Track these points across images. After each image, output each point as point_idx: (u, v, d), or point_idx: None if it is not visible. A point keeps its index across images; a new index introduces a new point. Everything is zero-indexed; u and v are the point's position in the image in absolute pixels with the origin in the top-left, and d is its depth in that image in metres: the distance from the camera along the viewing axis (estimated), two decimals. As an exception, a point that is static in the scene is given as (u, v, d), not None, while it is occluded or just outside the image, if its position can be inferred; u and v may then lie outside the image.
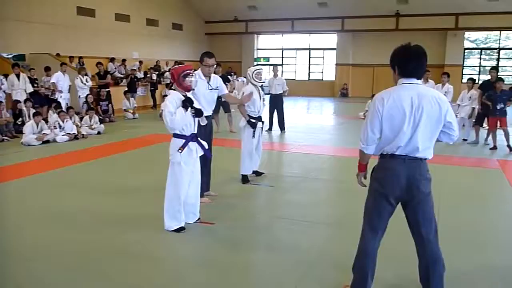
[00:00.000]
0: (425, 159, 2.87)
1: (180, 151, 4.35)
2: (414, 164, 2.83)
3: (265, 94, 7.55)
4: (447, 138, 2.94)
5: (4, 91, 11.50)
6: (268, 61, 24.69)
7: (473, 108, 10.08)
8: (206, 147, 4.67)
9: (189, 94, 4.48)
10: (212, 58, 5.28)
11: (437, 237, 2.93)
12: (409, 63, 2.84)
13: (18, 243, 4.33)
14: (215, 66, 5.52)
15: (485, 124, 10.11)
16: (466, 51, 22.14)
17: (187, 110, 4.33)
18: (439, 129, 2.84)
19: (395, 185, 2.84)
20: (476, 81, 11.70)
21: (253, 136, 6.38)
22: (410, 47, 2.85)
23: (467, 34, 21.86)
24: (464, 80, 14.34)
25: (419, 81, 2.88)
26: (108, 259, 3.94)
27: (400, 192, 2.85)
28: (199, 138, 4.57)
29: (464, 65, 22.07)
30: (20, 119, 10.84)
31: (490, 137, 9.59)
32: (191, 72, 4.46)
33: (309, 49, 25.05)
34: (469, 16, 20.18)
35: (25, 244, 4.27)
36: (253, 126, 6.30)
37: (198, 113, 4.47)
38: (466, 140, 10.06)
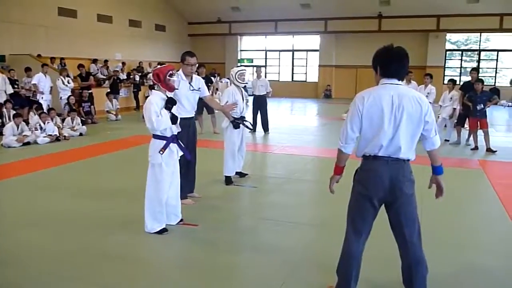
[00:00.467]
0: (408, 160, 2.88)
1: (161, 152, 4.32)
2: (397, 165, 2.84)
3: (249, 95, 7.54)
4: (429, 143, 2.92)
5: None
6: (252, 62, 24.71)
7: (454, 109, 10.21)
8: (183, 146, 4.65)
9: (170, 95, 4.45)
10: (194, 57, 5.26)
11: (420, 238, 2.93)
12: (391, 64, 2.85)
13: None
14: (197, 66, 5.50)
15: (466, 125, 10.25)
16: (447, 52, 22.46)
17: (170, 111, 4.30)
18: (420, 130, 2.84)
19: (378, 186, 2.84)
20: (457, 82, 11.86)
21: (252, 129, 6.35)
22: (392, 48, 2.87)
23: (448, 35, 22.19)
24: (446, 82, 14.55)
25: (400, 82, 2.89)
26: (90, 261, 3.88)
27: (383, 194, 2.85)
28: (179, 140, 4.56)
29: (446, 66, 22.39)
30: (0, 120, 10.64)
31: (471, 138, 9.72)
32: (174, 72, 4.45)
33: (293, 51, 25.16)
34: (450, 18, 20.50)
35: (3, 248, 4.18)
36: (237, 126, 6.27)
37: (173, 119, 4.38)
38: (447, 140, 10.18)
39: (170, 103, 4.31)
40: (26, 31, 15.13)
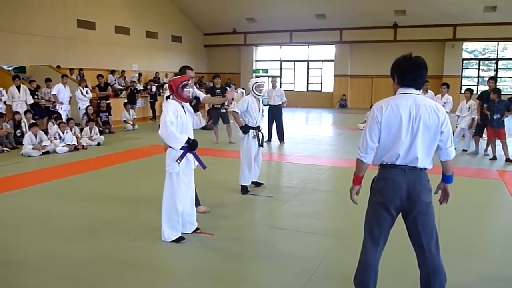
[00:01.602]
0: (425, 169, 2.87)
1: (178, 161, 4.37)
2: (414, 174, 2.83)
3: (264, 105, 7.58)
4: (444, 154, 2.91)
5: (4, 103, 11.55)
6: (267, 72, 24.79)
7: (473, 119, 10.10)
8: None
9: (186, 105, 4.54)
10: (193, 70, 5.39)
11: (438, 247, 2.91)
12: (408, 73, 2.85)
13: (17, 253, 4.32)
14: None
15: (484, 135, 10.13)
16: (464, 61, 22.25)
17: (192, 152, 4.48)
18: (437, 140, 2.84)
19: (395, 195, 2.83)
20: (474, 92, 11.74)
21: (260, 145, 6.46)
22: (410, 57, 2.87)
23: (465, 45, 21.98)
24: (463, 91, 14.43)
25: (418, 92, 2.89)
26: (106, 269, 3.94)
27: (400, 202, 2.84)
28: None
29: (463, 75, 22.17)
30: (19, 130, 10.85)
31: (489, 148, 9.60)
32: (189, 82, 4.49)
33: (308, 61, 25.17)
34: (467, 27, 20.33)
35: (24, 254, 4.26)
36: (246, 131, 6.33)
37: (192, 146, 4.49)
38: (466, 150, 10.07)
39: (193, 148, 4.47)
40: (46, 43, 15.47)
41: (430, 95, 10.16)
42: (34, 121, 10.93)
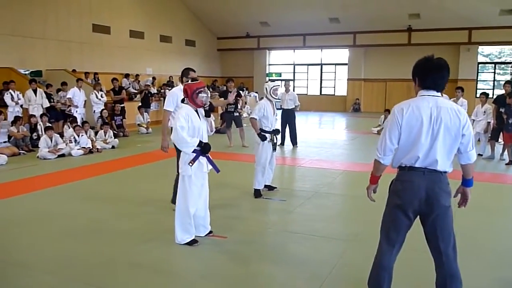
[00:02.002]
0: (445, 172, 2.83)
1: (190, 164, 4.39)
2: (433, 176, 2.79)
3: (277, 109, 7.59)
4: (464, 158, 2.88)
5: (21, 106, 11.74)
6: (280, 76, 24.80)
7: (488, 123, 9.99)
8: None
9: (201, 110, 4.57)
10: (195, 72, 5.47)
11: (455, 252, 2.88)
12: (429, 75, 2.83)
13: (32, 255, 4.36)
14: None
15: (500, 139, 10.00)
16: (479, 65, 22.00)
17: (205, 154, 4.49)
18: (458, 143, 2.80)
19: (413, 197, 2.80)
20: (490, 96, 11.60)
21: (274, 149, 6.48)
22: (432, 59, 2.84)
23: (481, 48, 21.75)
24: (478, 95, 14.25)
25: (438, 94, 2.85)
26: (120, 272, 3.96)
27: (418, 205, 2.81)
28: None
29: (478, 79, 21.92)
30: (35, 133, 11.01)
31: (506, 152, 9.47)
32: (204, 89, 4.52)
33: (321, 64, 25.12)
34: (482, 30, 20.12)
35: (40, 256, 4.31)
36: (263, 138, 6.35)
37: (204, 149, 4.49)
38: (481, 155, 9.95)
39: (206, 152, 4.47)
40: (61, 47, 15.70)
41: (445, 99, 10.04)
42: (49, 124, 11.08)
